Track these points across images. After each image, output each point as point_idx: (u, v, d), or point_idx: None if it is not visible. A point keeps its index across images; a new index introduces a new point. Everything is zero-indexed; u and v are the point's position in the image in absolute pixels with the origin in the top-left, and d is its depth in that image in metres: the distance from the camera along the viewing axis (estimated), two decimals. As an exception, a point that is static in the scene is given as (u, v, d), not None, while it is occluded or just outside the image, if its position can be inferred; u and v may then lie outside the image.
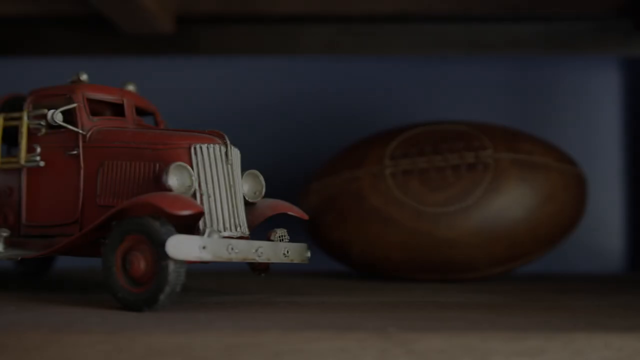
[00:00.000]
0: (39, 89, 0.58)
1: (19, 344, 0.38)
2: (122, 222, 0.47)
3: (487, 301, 0.55)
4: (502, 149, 0.72)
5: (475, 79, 0.99)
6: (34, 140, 0.57)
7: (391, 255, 0.72)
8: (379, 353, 0.38)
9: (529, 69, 0.99)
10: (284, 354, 0.38)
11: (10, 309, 0.47)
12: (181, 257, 0.44)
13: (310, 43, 0.96)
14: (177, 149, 0.50)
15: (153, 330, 0.39)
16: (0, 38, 0.96)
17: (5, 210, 0.59)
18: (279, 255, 0.51)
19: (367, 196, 0.72)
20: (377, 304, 0.53)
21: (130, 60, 0.99)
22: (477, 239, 0.71)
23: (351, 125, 0.97)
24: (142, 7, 0.80)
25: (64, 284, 0.67)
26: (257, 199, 0.55)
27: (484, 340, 0.38)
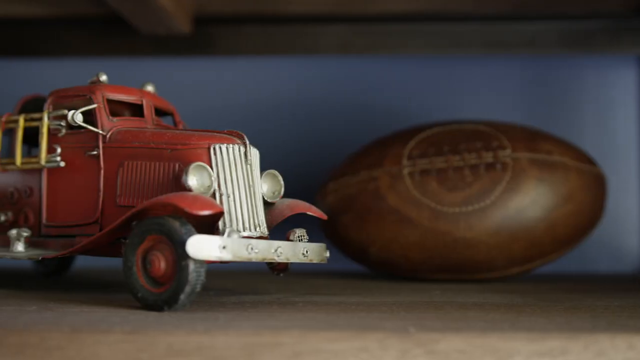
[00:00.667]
0: (59, 90, 0.58)
1: (40, 343, 0.39)
2: (143, 222, 0.47)
3: (506, 301, 0.55)
4: (521, 148, 0.72)
5: (491, 78, 0.98)
6: (54, 140, 0.57)
7: (409, 255, 0.72)
8: (399, 353, 0.38)
9: (546, 68, 0.98)
10: (304, 353, 0.38)
11: (31, 308, 0.47)
12: (201, 257, 0.44)
13: (325, 43, 0.96)
14: (196, 149, 0.50)
15: (173, 330, 0.39)
16: (19, 39, 0.97)
17: (26, 210, 0.59)
18: (298, 255, 0.51)
19: (385, 196, 0.72)
20: (395, 304, 0.53)
21: (147, 60, 0.99)
22: (495, 239, 0.70)
23: (368, 125, 0.97)
24: (159, 8, 0.80)
25: (83, 284, 0.68)
26: (276, 199, 0.55)
27: (505, 340, 0.38)
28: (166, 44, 0.95)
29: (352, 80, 0.99)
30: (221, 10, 0.93)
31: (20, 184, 0.60)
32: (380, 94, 0.99)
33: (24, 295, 0.55)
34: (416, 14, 0.93)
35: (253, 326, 0.40)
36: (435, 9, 0.92)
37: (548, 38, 0.94)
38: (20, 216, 0.60)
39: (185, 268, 0.45)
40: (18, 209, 0.60)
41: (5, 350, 0.39)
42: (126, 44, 0.96)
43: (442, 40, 0.95)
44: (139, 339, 0.39)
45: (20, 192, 0.60)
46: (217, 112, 0.99)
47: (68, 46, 0.97)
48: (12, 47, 0.97)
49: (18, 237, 0.57)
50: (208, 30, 0.96)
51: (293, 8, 0.92)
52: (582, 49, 0.94)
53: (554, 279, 0.80)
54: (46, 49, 0.97)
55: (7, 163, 0.60)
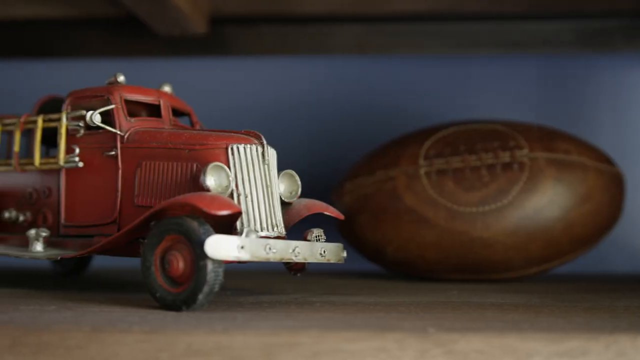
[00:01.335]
0: (78, 91, 0.58)
1: (61, 343, 0.39)
2: (161, 222, 0.47)
3: (524, 301, 0.55)
4: (538, 148, 0.72)
5: (507, 78, 0.98)
6: (73, 141, 0.57)
7: (426, 255, 0.72)
8: (418, 353, 0.38)
9: (562, 67, 0.98)
10: (322, 353, 0.38)
11: (50, 308, 0.48)
12: (219, 257, 0.45)
13: (340, 43, 0.96)
14: (214, 150, 0.51)
15: (192, 330, 0.39)
16: (36, 41, 0.98)
17: (44, 210, 0.60)
18: (316, 255, 0.51)
19: (402, 196, 0.72)
20: (413, 304, 0.53)
21: (163, 61, 0.99)
22: (512, 239, 0.70)
23: (384, 125, 0.97)
24: (175, 9, 0.80)
25: (101, 284, 0.68)
26: (293, 199, 0.55)
27: (524, 340, 0.38)
28: (182, 44, 0.96)
29: (367, 80, 0.99)
30: (236, 10, 0.93)
31: (38, 184, 0.61)
32: (396, 93, 0.98)
33: (43, 295, 0.56)
34: (431, 14, 0.93)
35: (271, 326, 0.40)
36: (450, 9, 0.92)
37: (564, 37, 0.94)
38: (39, 216, 0.60)
39: (203, 268, 0.45)
40: (36, 209, 0.60)
41: (25, 350, 0.39)
42: (142, 44, 0.97)
43: (457, 40, 0.95)
44: (158, 338, 0.39)
45: (38, 193, 0.61)
46: (232, 112, 0.99)
47: (85, 47, 0.98)
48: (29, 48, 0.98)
49: (37, 237, 0.57)
50: (223, 30, 0.96)
51: (308, 8, 0.92)
52: (599, 47, 0.94)
53: (571, 279, 0.80)
54: (63, 50, 0.98)
55: (25, 163, 0.61)
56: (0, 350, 0.39)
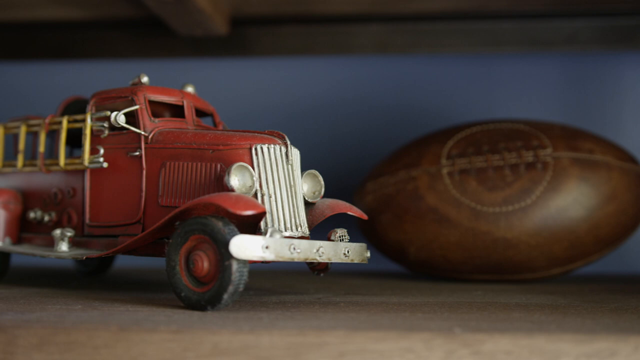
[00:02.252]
0: (102, 92, 0.59)
1: (88, 342, 0.39)
2: (186, 222, 0.47)
3: (550, 302, 0.54)
4: (562, 147, 0.71)
5: (532, 76, 0.97)
6: (97, 141, 0.58)
7: (448, 256, 0.72)
8: (445, 354, 0.38)
9: (586, 65, 0.97)
10: (349, 353, 0.38)
11: (77, 307, 0.48)
12: (244, 257, 0.45)
13: (362, 43, 0.96)
14: (238, 150, 0.51)
15: (218, 329, 0.39)
16: (59, 42, 0.98)
17: (69, 210, 0.60)
18: (340, 255, 0.51)
19: (424, 196, 0.72)
20: (437, 304, 0.53)
21: (185, 61, 1.00)
22: (536, 240, 0.70)
23: (405, 125, 0.97)
24: (198, 10, 0.81)
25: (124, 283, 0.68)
26: (317, 199, 0.55)
27: (552, 341, 0.38)
28: (204, 45, 0.96)
29: (389, 80, 0.99)
30: (257, 11, 0.93)
31: (63, 184, 0.61)
32: (418, 93, 0.98)
33: (68, 294, 0.56)
34: (454, 13, 0.93)
35: (297, 326, 0.40)
36: (473, 7, 0.91)
37: (589, 35, 0.93)
38: (64, 216, 0.61)
39: (228, 268, 0.45)
40: (61, 209, 0.61)
41: (54, 348, 0.39)
42: (164, 45, 0.97)
43: (480, 39, 0.94)
44: (184, 338, 0.39)
45: (63, 193, 0.61)
46: (253, 113, 0.99)
47: (107, 48, 0.98)
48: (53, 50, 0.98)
49: (62, 237, 0.57)
50: (245, 31, 0.96)
51: (329, 8, 0.92)
52: (624, 45, 0.93)
53: (595, 279, 0.79)
54: (86, 51, 0.98)
55: (50, 164, 0.61)
56: (29, 349, 0.39)
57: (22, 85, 1.02)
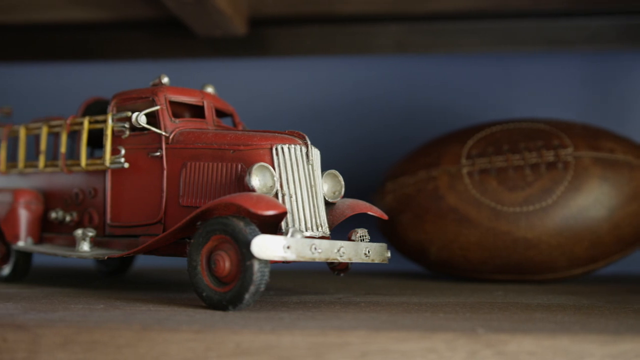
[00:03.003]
0: (123, 92, 0.59)
1: (111, 341, 0.39)
2: (207, 222, 0.47)
3: (572, 303, 0.54)
4: (583, 147, 0.71)
5: (552, 76, 0.97)
6: (118, 142, 0.58)
7: (469, 256, 0.71)
8: (468, 354, 0.38)
9: (606, 64, 0.96)
10: (371, 353, 0.38)
11: (99, 306, 0.48)
12: (266, 257, 0.45)
13: (381, 43, 0.95)
14: (259, 150, 0.51)
15: (240, 329, 0.39)
16: (79, 43, 0.99)
17: (90, 210, 0.60)
18: (360, 255, 0.51)
19: (444, 196, 0.72)
20: (459, 304, 0.52)
21: (203, 62, 1.00)
22: (557, 240, 0.69)
23: (425, 124, 0.96)
24: (218, 11, 0.81)
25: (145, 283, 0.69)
26: (337, 199, 0.55)
27: (576, 342, 0.37)
28: (222, 46, 0.96)
29: (408, 80, 0.99)
30: (276, 11, 0.93)
31: (84, 185, 0.61)
32: (437, 93, 0.98)
33: (90, 294, 0.57)
34: (472, 12, 0.92)
35: (319, 326, 0.40)
36: (492, 6, 0.91)
37: (609, 34, 0.92)
38: (85, 216, 0.61)
39: (250, 268, 0.45)
40: (83, 209, 0.61)
41: (77, 348, 0.39)
42: (183, 46, 0.98)
43: (499, 38, 0.94)
44: (207, 337, 0.39)
45: (84, 193, 0.61)
46: (271, 113, 0.99)
47: (127, 49, 0.99)
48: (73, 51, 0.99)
49: (83, 237, 0.58)
50: (263, 31, 0.96)
51: (348, 8, 0.92)
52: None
53: (617, 279, 0.78)
54: (106, 52, 0.99)
55: (72, 164, 0.62)
56: (53, 348, 0.39)
57: (43, 86, 1.03)
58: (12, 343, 0.40)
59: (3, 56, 1.00)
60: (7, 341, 0.40)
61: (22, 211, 0.64)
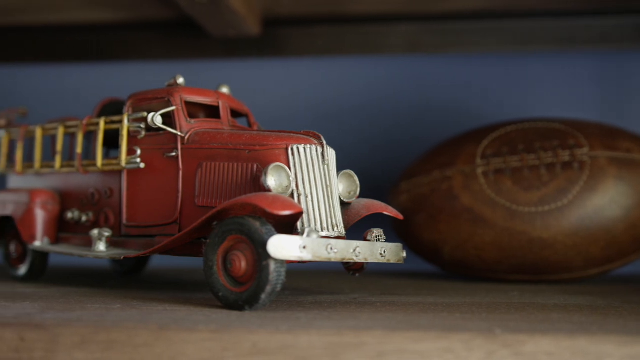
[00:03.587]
0: (138, 93, 0.59)
1: (128, 340, 0.40)
2: (224, 222, 0.47)
3: (589, 303, 0.54)
4: (599, 146, 0.70)
5: (566, 75, 0.96)
6: (134, 142, 0.58)
7: (483, 256, 0.71)
8: (485, 355, 0.37)
9: (621, 63, 0.96)
10: (387, 353, 0.38)
11: (116, 306, 0.48)
12: (282, 257, 0.45)
13: (394, 42, 0.95)
14: (274, 150, 0.51)
15: (257, 329, 0.39)
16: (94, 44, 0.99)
17: (106, 210, 0.61)
18: (376, 255, 0.51)
19: (459, 196, 0.71)
20: (475, 304, 0.52)
21: (217, 62, 1.00)
22: (573, 240, 0.69)
23: (439, 124, 0.96)
24: (231, 11, 0.81)
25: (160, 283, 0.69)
26: (352, 199, 0.54)
27: (594, 343, 0.37)
28: (236, 46, 0.96)
29: (421, 80, 0.98)
30: (290, 11, 0.93)
31: (100, 185, 0.62)
32: (451, 92, 0.98)
33: (107, 294, 0.57)
34: (485, 11, 0.92)
35: (335, 326, 0.40)
36: (505, 6, 0.90)
37: (623, 33, 0.92)
38: (101, 216, 0.61)
39: (266, 268, 0.45)
40: (98, 209, 0.62)
41: (95, 347, 0.40)
42: (196, 46, 0.98)
43: (513, 38, 0.94)
44: (223, 337, 0.39)
45: (100, 193, 0.62)
46: (284, 113, 0.99)
47: (140, 50, 0.99)
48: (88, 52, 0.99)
49: (100, 237, 0.58)
50: (277, 31, 0.96)
51: (361, 8, 0.92)
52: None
53: (633, 280, 0.78)
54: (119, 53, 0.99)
55: (88, 165, 0.62)
56: (71, 348, 0.40)
57: (58, 87, 1.03)
58: (30, 342, 0.40)
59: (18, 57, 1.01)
60: (25, 340, 0.40)
61: (39, 211, 0.64)
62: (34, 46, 1.00)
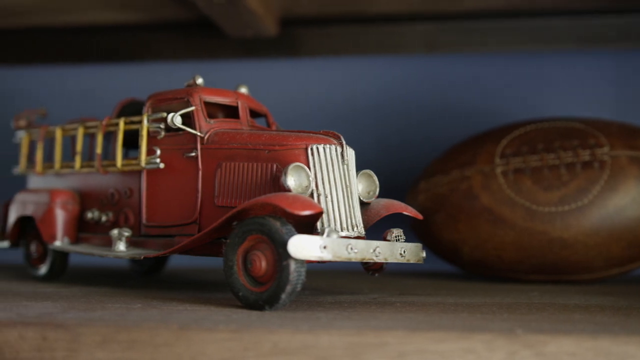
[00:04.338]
0: (158, 93, 0.59)
1: (150, 340, 0.40)
2: (244, 222, 0.47)
3: (611, 304, 0.53)
4: (619, 146, 0.70)
5: (586, 74, 0.95)
6: (154, 142, 0.58)
7: (503, 256, 0.71)
8: (507, 355, 0.37)
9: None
10: (408, 354, 0.38)
11: (136, 306, 0.49)
12: (302, 257, 0.45)
13: (411, 42, 0.95)
14: (294, 150, 0.51)
15: (277, 329, 0.39)
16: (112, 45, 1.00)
17: (126, 210, 0.61)
18: (396, 255, 0.51)
19: (478, 195, 0.71)
20: (495, 304, 0.52)
21: (234, 62, 1.00)
22: (593, 240, 0.68)
23: (457, 124, 0.96)
24: (249, 12, 0.81)
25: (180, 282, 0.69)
26: (371, 199, 0.54)
27: (617, 344, 0.37)
28: (253, 46, 0.97)
29: (439, 79, 0.98)
30: (307, 11, 0.93)
31: (120, 185, 0.62)
32: (469, 92, 0.97)
33: (127, 293, 0.57)
34: (504, 10, 0.92)
35: (356, 326, 0.40)
36: (524, 4, 0.90)
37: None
38: (121, 216, 0.61)
39: (286, 268, 0.45)
40: (118, 209, 0.62)
41: (116, 347, 0.40)
42: (214, 46, 0.98)
43: (531, 37, 0.93)
44: (244, 337, 0.39)
45: (120, 193, 0.62)
46: (302, 113, 0.99)
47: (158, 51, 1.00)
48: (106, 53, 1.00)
49: (119, 237, 0.58)
50: (294, 31, 0.96)
51: (378, 8, 0.92)
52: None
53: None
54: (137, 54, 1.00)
55: (107, 165, 0.62)
56: (92, 347, 0.40)
57: (78, 88, 1.04)
58: (52, 342, 0.40)
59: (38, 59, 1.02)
60: (48, 340, 0.40)
61: (59, 211, 0.65)
62: (54, 47, 1.01)
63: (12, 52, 1.02)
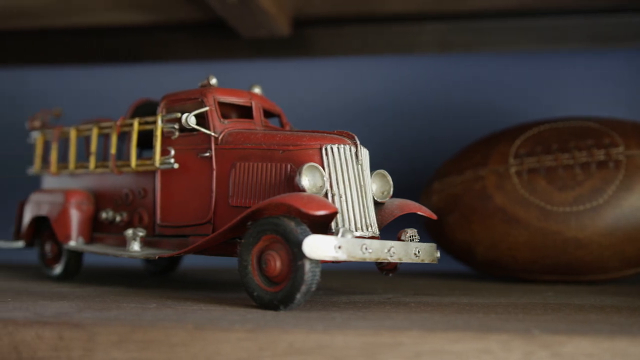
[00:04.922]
0: (172, 94, 0.60)
1: (165, 340, 0.40)
2: (258, 222, 0.48)
3: (627, 304, 0.53)
4: (635, 145, 0.69)
5: (600, 73, 0.95)
6: (168, 143, 0.58)
7: (517, 256, 0.71)
8: (524, 355, 0.37)
9: (656, 61, 0.95)
10: (424, 354, 0.38)
11: (151, 306, 0.49)
12: (317, 257, 0.45)
13: (424, 42, 0.95)
14: (308, 150, 0.51)
15: (293, 329, 0.39)
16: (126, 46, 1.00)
17: (140, 210, 0.61)
18: (410, 255, 0.51)
19: (492, 195, 0.71)
20: (510, 305, 0.52)
21: (247, 63, 1.01)
22: (608, 240, 0.68)
23: (470, 124, 0.95)
24: (263, 12, 0.81)
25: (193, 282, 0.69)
26: (385, 199, 0.54)
27: (635, 345, 0.37)
28: (266, 46, 0.97)
29: (452, 79, 0.98)
30: (319, 11, 0.93)
31: (134, 185, 0.62)
32: (482, 92, 0.97)
33: (142, 293, 0.57)
34: (517, 10, 0.91)
35: (371, 326, 0.40)
36: (537, 4, 0.90)
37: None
38: (135, 216, 0.62)
39: (301, 268, 0.45)
40: (132, 209, 0.62)
41: (132, 346, 0.40)
42: (227, 47, 0.98)
43: (544, 36, 0.93)
44: (259, 337, 0.39)
45: (134, 194, 0.62)
46: (315, 113, 0.99)
47: (172, 51, 1.00)
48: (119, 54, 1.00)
49: (134, 237, 0.58)
50: (307, 31, 0.96)
51: (391, 7, 0.92)
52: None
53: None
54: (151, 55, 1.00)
55: (122, 165, 0.62)
56: (109, 346, 0.40)
57: (92, 89, 1.04)
58: (69, 341, 0.40)
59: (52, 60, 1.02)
60: (64, 339, 0.40)
61: (74, 211, 0.65)
62: (68, 48, 1.02)
63: (29, 53, 1.03)
